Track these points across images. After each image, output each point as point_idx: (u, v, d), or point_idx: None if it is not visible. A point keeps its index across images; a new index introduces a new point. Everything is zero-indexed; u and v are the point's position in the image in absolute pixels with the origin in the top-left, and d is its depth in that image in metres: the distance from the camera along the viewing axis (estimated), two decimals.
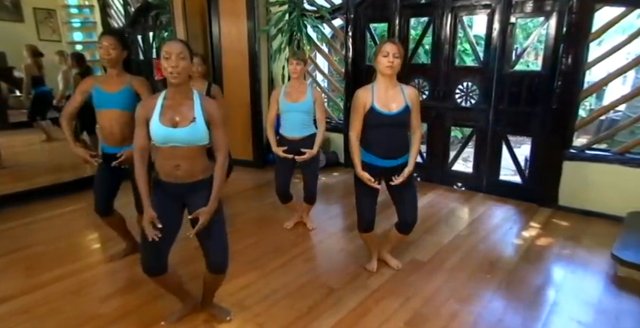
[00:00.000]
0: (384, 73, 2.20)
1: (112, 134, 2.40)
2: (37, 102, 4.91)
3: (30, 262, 2.71)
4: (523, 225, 3.34)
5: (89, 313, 2.16)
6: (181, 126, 1.73)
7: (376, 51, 2.21)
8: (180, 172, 1.78)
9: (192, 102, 1.77)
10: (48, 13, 5.24)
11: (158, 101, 1.76)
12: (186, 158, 1.77)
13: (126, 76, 2.42)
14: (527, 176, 3.80)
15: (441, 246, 2.96)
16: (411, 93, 2.28)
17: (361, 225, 2.47)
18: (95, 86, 2.37)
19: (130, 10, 6.32)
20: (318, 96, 2.94)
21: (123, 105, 2.38)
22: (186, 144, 1.75)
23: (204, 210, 1.78)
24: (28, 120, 5.08)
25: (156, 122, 1.72)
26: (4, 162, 4.44)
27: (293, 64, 2.84)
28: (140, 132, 1.79)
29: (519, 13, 3.52)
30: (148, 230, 1.76)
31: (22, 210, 3.59)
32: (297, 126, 2.92)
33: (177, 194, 1.84)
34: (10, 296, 2.31)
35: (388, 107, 2.23)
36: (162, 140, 1.74)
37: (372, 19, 4.37)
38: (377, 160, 2.30)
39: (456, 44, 3.94)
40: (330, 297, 2.32)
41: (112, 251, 2.82)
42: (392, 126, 2.27)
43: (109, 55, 2.31)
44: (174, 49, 1.66)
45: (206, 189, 1.83)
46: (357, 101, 2.26)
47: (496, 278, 2.53)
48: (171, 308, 2.17)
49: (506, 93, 3.69)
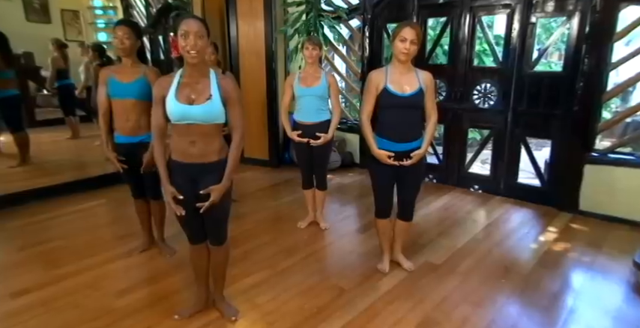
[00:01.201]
0: (399, 57, 2.19)
1: (126, 123, 2.46)
2: (62, 95, 5.08)
3: (51, 255, 2.79)
4: (541, 229, 3.26)
5: (105, 307, 2.21)
6: (197, 103, 1.74)
7: (394, 33, 2.18)
8: (195, 149, 1.79)
9: (209, 80, 1.78)
10: (74, 14, 5.40)
11: (174, 79, 1.78)
12: (202, 136, 1.78)
13: (140, 66, 2.48)
14: (546, 179, 3.71)
15: (456, 249, 2.91)
16: (425, 77, 2.27)
17: (378, 210, 2.49)
18: (110, 76, 2.43)
19: (152, 10, 6.47)
20: (332, 81, 2.94)
21: (137, 95, 2.43)
22: (201, 122, 1.76)
23: (217, 187, 1.80)
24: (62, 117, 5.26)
25: (172, 99, 1.74)
26: (32, 158, 4.59)
27: (309, 49, 2.85)
28: (157, 110, 1.81)
29: (540, 13, 3.44)
30: (173, 205, 1.81)
31: (46, 204, 3.71)
32: (312, 111, 2.93)
33: (191, 174, 1.84)
34: (30, 288, 2.38)
35: (402, 88, 2.22)
36: (178, 117, 1.75)
37: (389, 20, 4.34)
38: (390, 144, 2.28)
39: (474, 44, 3.88)
40: (341, 298, 2.32)
41: (130, 246, 2.89)
42: (405, 108, 2.25)
43: (123, 44, 2.37)
44: (193, 28, 1.66)
45: (219, 170, 1.84)
46: (370, 82, 2.26)
47: (511, 283, 2.48)
48: (185, 303, 2.21)
49: (525, 94, 3.61)
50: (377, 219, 2.53)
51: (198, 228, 1.97)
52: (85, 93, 5.17)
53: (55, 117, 5.31)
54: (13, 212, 3.52)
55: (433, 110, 2.33)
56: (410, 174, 2.37)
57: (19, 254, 2.80)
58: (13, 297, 2.29)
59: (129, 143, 2.51)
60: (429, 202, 3.79)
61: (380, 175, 2.39)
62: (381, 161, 2.29)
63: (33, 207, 3.65)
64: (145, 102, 2.47)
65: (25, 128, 4.47)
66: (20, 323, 2.08)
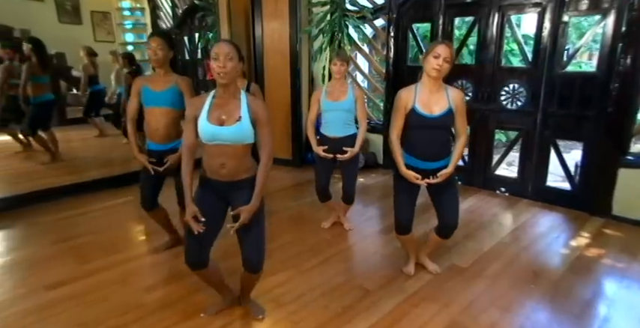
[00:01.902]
0: (430, 74, 2.15)
1: (157, 131, 2.50)
2: (92, 100, 5.24)
3: (81, 250, 2.87)
4: (572, 234, 3.17)
5: (133, 302, 2.26)
6: (227, 124, 1.77)
7: (428, 49, 2.15)
8: (225, 170, 1.83)
9: (239, 102, 1.80)
10: (103, 15, 5.57)
11: (207, 100, 1.81)
12: (232, 156, 1.81)
13: (172, 76, 2.52)
14: (577, 183, 3.60)
15: (482, 252, 2.86)
16: (456, 96, 2.22)
17: (398, 227, 2.43)
18: (144, 85, 2.48)
19: (178, 11, 6.59)
20: (359, 95, 2.93)
21: (169, 103, 2.48)
22: (231, 143, 1.78)
23: (247, 208, 1.81)
24: (83, 117, 5.43)
25: (204, 120, 1.77)
26: (61, 155, 4.75)
27: (337, 65, 2.85)
28: (189, 129, 1.85)
29: (573, 12, 3.34)
30: (192, 224, 1.82)
31: (76, 200, 3.82)
32: (339, 126, 2.92)
33: (222, 191, 1.89)
34: (63, 281, 2.46)
35: (430, 109, 2.19)
36: (208, 137, 1.79)
37: (415, 19, 4.30)
38: (418, 162, 2.26)
39: (502, 44, 3.79)
40: (366, 299, 2.31)
41: (156, 243, 2.94)
42: (433, 129, 2.22)
43: (157, 55, 2.41)
44: (223, 50, 1.71)
45: (249, 187, 1.86)
46: (399, 101, 2.23)
47: (540, 289, 2.41)
48: (211, 301, 2.24)
49: (556, 95, 3.52)
50: (398, 235, 2.49)
51: (204, 249, 1.92)
52: (116, 99, 5.31)
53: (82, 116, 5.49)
54: (45, 207, 3.64)
55: (463, 130, 2.27)
56: (445, 196, 2.33)
57: (52, 248, 2.89)
58: (47, 289, 2.36)
59: (160, 150, 2.55)
60: None
61: (403, 192, 2.36)
62: (409, 180, 2.26)
63: (64, 202, 3.76)
64: (176, 110, 2.51)
65: (50, 127, 4.61)
66: (54, 314, 2.14)
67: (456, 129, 2.28)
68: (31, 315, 2.13)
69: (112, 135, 5.88)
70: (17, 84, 4.44)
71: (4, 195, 3.67)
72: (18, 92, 4.40)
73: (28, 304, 2.23)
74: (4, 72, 4.40)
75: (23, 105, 4.38)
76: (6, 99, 4.50)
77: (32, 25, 4.63)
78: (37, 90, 4.40)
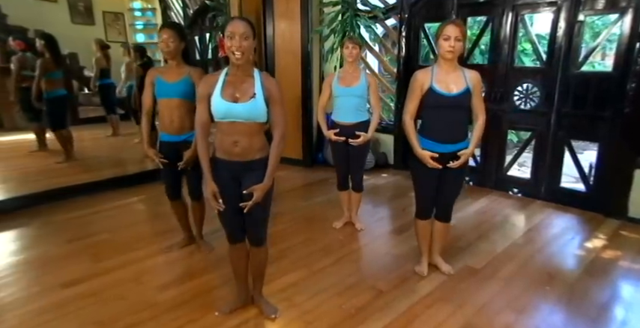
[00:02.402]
0: (444, 57, 2.15)
1: (171, 122, 2.53)
2: (103, 94, 5.28)
3: (95, 249, 2.90)
4: (587, 235, 3.13)
5: (149, 300, 2.28)
6: (241, 101, 1.77)
7: (437, 32, 2.15)
8: (238, 149, 1.83)
9: (253, 79, 1.81)
10: (115, 16, 5.63)
11: (220, 77, 1.81)
12: (245, 134, 1.81)
13: (185, 67, 2.54)
14: (592, 183, 3.55)
15: (496, 253, 2.84)
16: (473, 76, 2.21)
17: (419, 210, 2.45)
18: (157, 76, 2.51)
19: (189, 12, 6.64)
20: (372, 81, 2.91)
21: (182, 95, 2.50)
22: (245, 120, 1.79)
23: (260, 186, 1.82)
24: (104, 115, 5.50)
25: (217, 97, 1.78)
26: (75, 154, 4.80)
27: (349, 48, 2.83)
28: (201, 107, 1.85)
29: (589, 11, 3.29)
30: (212, 201, 1.84)
31: (91, 199, 3.86)
32: (351, 111, 2.91)
33: (234, 171, 1.88)
34: (79, 279, 2.49)
35: (448, 88, 2.17)
36: (222, 114, 1.79)
37: (428, 19, 4.27)
38: (434, 145, 2.24)
39: (516, 44, 3.76)
40: (379, 300, 2.30)
41: (169, 242, 2.96)
42: (451, 108, 2.20)
43: (168, 47, 2.43)
44: (238, 29, 1.70)
45: (261, 168, 1.86)
46: (415, 82, 2.22)
47: (556, 291, 2.38)
48: (224, 300, 2.25)
49: (570, 95, 3.48)
50: (417, 219, 2.50)
51: (237, 227, 1.99)
52: (125, 91, 5.36)
53: (96, 116, 5.55)
54: (61, 205, 3.69)
55: (481, 110, 2.26)
56: (452, 176, 2.32)
57: (67, 247, 2.93)
58: (64, 287, 2.39)
59: (173, 141, 2.58)
60: (467, 205, 3.70)
61: (423, 175, 2.35)
62: (424, 162, 2.25)
63: (78, 201, 3.81)
64: (189, 101, 2.54)
65: (67, 125, 4.68)
66: (70, 312, 2.17)
67: (474, 110, 2.26)
68: (47, 313, 2.16)
69: (124, 134, 5.95)
70: (30, 76, 4.51)
71: (21, 194, 3.73)
72: (30, 84, 4.46)
73: (44, 302, 2.26)
74: (17, 63, 4.47)
75: (36, 102, 4.44)
76: (21, 91, 4.56)
77: (46, 26, 4.68)
78: (51, 85, 4.46)
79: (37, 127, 4.80)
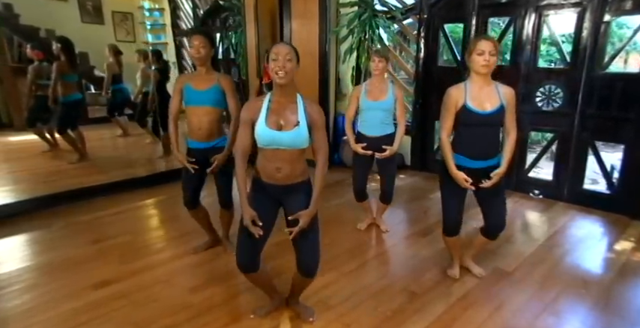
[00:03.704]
0: (479, 72, 2.13)
1: (199, 130, 2.50)
2: (115, 99, 5.26)
3: (121, 250, 2.88)
4: (614, 238, 3.11)
5: (182, 302, 2.25)
6: (286, 129, 1.76)
7: (470, 48, 2.13)
8: (280, 175, 1.82)
9: (296, 106, 1.80)
10: (124, 15, 5.62)
11: (264, 104, 1.80)
12: (287, 161, 1.81)
13: (214, 74, 2.51)
14: (616, 185, 3.53)
15: (525, 256, 2.81)
16: (506, 92, 2.19)
17: (447, 228, 2.40)
18: (186, 84, 2.48)
19: (199, 12, 6.62)
20: (399, 95, 2.91)
21: (212, 102, 2.47)
22: (288, 147, 1.78)
23: (306, 213, 1.80)
24: (107, 116, 5.48)
25: (262, 125, 1.77)
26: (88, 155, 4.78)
27: (375, 61, 2.83)
28: (244, 132, 1.83)
29: (615, 11, 3.28)
30: (251, 227, 1.80)
31: (108, 200, 3.83)
32: (378, 125, 2.90)
33: (276, 194, 1.88)
34: (109, 280, 2.46)
35: (482, 106, 2.15)
36: (266, 142, 1.78)
37: (447, 20, 4.26)
38: (466, 161, 2.22)
39: (538, 45, 3.74)
40: (414, 302, 2.28)
41: (194, 243, 2.93)
42: (485, 126, 2.18)
43: (199, 53, 2.40)
44: (282, 51, 1.71)
45: (303, 191, 1.87)
46: (449, 99, 2.19)
47: (592, 294, 2.36)
48: (258, 302, 2.23)
49: (595, 96, 3.46)
50: (445, 236, 2.46)
51: (256, 252, 1.92)
52: (141, 98, 5.34)
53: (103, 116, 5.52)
54: (79, 206, 3.67)
55: (513, 127, 2.23)
56: (489, 195, 2.28)
57: (93, 248, 2.90)
58: (95, 288, 2.37)
59: (201, 148, 2.54)
60: None
61: (452, 194, 2.32)
62: (458, 183, 2.23)
63: (97, 202, 3.78)
64: (218, 109, 2.52)
65: (78, 126, 4.66)
66: (104, 314, 2.15)
67: (506, 127, 2.23)
68: (82, 314, 2.14)
69: (135, 134, 5.93)
70: (45, 84, 4.50)
71: (40, 195, 3.69)
72: (46, 92, 4.45)
73: (78, 303, 2.23)
74: (32, 72, 4.45)
75: (52, 106, 4.42)
76: (35, 99, 4.56)
77: (56, 25, 4.68)
78: (67, 89, 4.45)
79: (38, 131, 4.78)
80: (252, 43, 5.19)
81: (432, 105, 4.43)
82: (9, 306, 2.22)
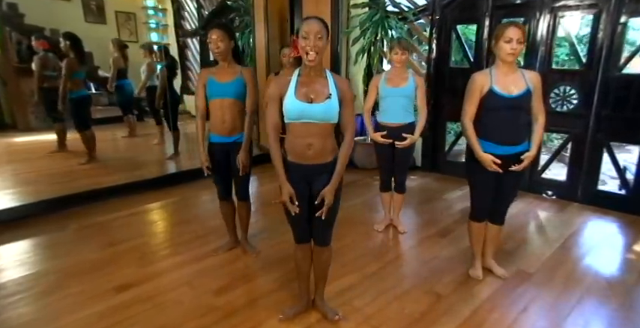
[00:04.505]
0: (505, 59, 2.13)
1: (223, 123, 2.49)
2: (120, 94, 5.23)
3: (139, 252, 2.86)
4: (632, 239, 3.11)
5: (207, 304, 2.24)
6: (317, 102, 1.75)
7: (497, 35, 2.13)
8: (311, 152, 1.80)
9: (326, 80, 1.78)
10: (127, 15, 5.62)
11: (293, 77, 1.79)
12: (319, 136, 1.79)
13: (237, 67, 2.51)
14: (632, 186, 3.53)
15: (545, 257, 2.81)
16: (532, 76, 2.19)
17: (474, 212, 2.44)
18: (209, 77, 2.47)
19: (204, 12, 6.59)
20: (420, 82, 2.89)
21: (236, 95, 2.48)
22: (319, 121, 1.76)
23: (328, 189, 1.80)
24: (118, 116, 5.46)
25: (291, 97, 1.75)
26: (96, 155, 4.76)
27: (398, 54, 2.82)
28: (273, 109, 1.81)
29: (632, 13, 3.28)
30: (289, 205, 1.81)
31: (122, 202, 3.81)
32: (398, 112, 2.89)
33: (306, 174, 1.86)
34: (131, 283, 2.44)
35: (508, 90, 2.15)
36: (296, 115, 1.76)
37: (460, 21, 4.26)
38: (494, 147, 2.22)
39: (553, 46, 3.74)
40: (440, 304, 2.27)
41: (212, 245, 2.92)
42: (512, 109, 2.18)
43: (219, 47, 2.39)
44: (313, 29, 1.68)
45: (332, 171, 1.84)
46: (474, 84, 2.20)
47: (617, 296, 2.35)
48: (284, 303, 2.22)
49: (611, 97, 3.46)
50: (472, 221, 2.47)
51: (306, 228, 1.98)
52: (146, 92, 5.31)
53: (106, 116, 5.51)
54: (93, 208, 3.64)
55: (541, 111, 2.24)
56: (511, 179, 2.30)
57: (111, 250, 2.88)
58: (118, 291, 2.35)
59: (223, 143, 2.54)
60: None
61: (481, 178, 2.33)
62: (485, 166, 2.22)
63: (110, 203, 3.76)
64: (242, 102, 2.52)
65: (91, 126, 4.64)
66: (132, 316, 2.13)
67: (534, 111, 2.23)
68: (108, 317, 2.12)
69: (141, 135, 5.91)
70: (51, 76, 4.46)
71: (49, 197, 3.64)
72: (53, 84, 4.41)
73: (102, 306, 2.21)
74: (38, 62, 4.42)
75: (61, 105, 4.40)
76: (43, 92, 4.51)
77: (60, 25, 4.67)
78: (75, 85, 4.45)
79: (60, 128, 4.75)
80: (261, 43, 5.18)
81: (444, 107, 4.43)
82: (30, 310, 2.20)
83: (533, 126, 2.27)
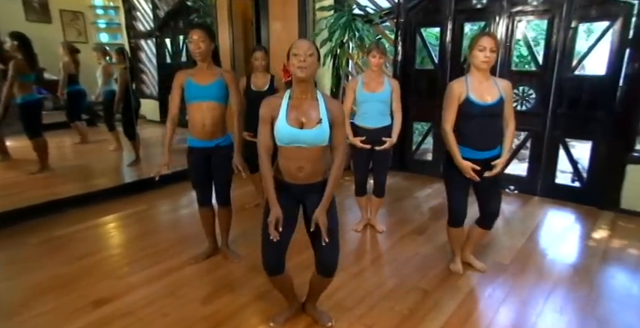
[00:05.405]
0: (479, 67, 2.23)
1: (203, 127, 2.42)
2: (72, 102, 4.93)
3: (112, 264, 2.71)
4: (589, 227, 3.35)
5: (194, 315, 2.16)
6: (307, 127, 1.74)
7: (471, 44, 2.23)
8: (302, 174, 1.79)
9: (317, 103, 1.77)
10: (74, 14, 5.28)
11: (284, 100, 1.76)
12: (309, 159, 1.78)
13: (216, 69, 2.46)
14: (585, 179, 3.81)
15: (517, 248, 2.96)
16: (504, 85, 2.31)
17: (453, 219, 2.50)
18: (187, 79, 2.39)
19: (160, 13, 6.36)
20: (396, 87, 2.96)
21: (216, 98, 2.42)
22: (310, 145, 1.75)
23: (319, 211, 1.78)
24: (67, 121, 5.11)
25: (282, 122, 1.73)
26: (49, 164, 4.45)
27: (375, 57, 2.86)
28: (264, 130, 1.79)
29: (582, 18, 3.55)
30: (271, 229, 1.76)
31: (83, 212, 3.58)
32: (375, 116, 2.94)
33: (297, 194, 1.85)
34: (108, 297, 2.30)
35: (483, 98, 2.26)
36: (287, 140, 1.75)
37: (424, 24, 4.41)
38: (470, 152, 2.32)
39: (512, 48, 3.97)
40: (427, 300, 2.33)
41: (189, 253, 2.82)
42: (487, 117, 2.29)
43: (199, 48, 2.33)
44: (304, 46, 1.69)
45: (324, 190, 1.82)
46: (452, 92, 2.28)
47: (584, 281, 2.53)
48: (272, 310, 2.19)
49: (565, 97, 3.72)
50: (451, 228, 2.55)
51: (282, 253, 1.89)
52: (103, 96, 5.03)
53: (54, 122, 5.13)
54: (54, 220, 3.40)
55: (511, 118, 2.35)
56: (489, 184, 2.38)
57: (81, 264, 2.70)
58: (96, 306, 2.21)
59: (204, 147, 2.47)
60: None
61: (458, 185, 2.42)
62: (463, 173, 2.31)
63: (72, 214, 3.53)
64: (223, 105, 2.46)
65: (42, 133, 4.34)
66: None
67: (506, 117, 2.35)
68: None
69: (94, 141, 5.58)
70: None
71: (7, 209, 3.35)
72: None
73: (80, 323, 2.07)
74: None
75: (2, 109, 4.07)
76: None
77: None
78: (24, 89, 4.14)
79: None
80: (225, 45, 5.08)
81: (410, 107, 4.55)
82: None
83: (505, 132, 2.38)
